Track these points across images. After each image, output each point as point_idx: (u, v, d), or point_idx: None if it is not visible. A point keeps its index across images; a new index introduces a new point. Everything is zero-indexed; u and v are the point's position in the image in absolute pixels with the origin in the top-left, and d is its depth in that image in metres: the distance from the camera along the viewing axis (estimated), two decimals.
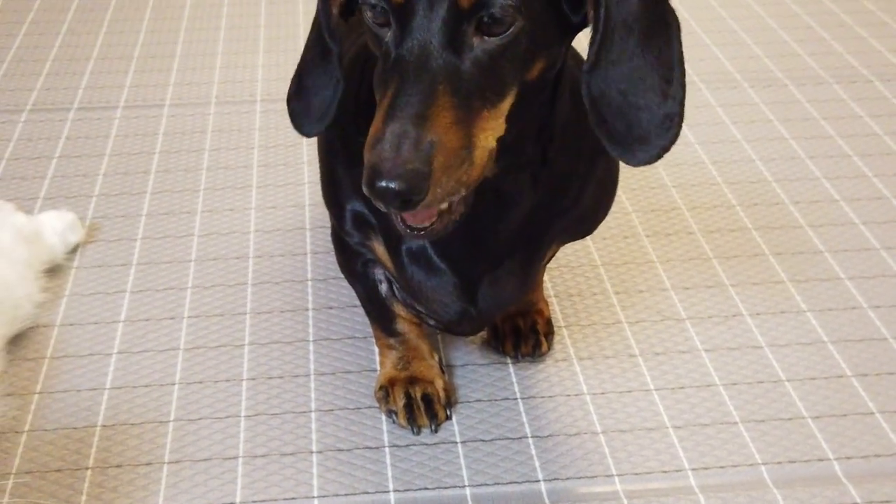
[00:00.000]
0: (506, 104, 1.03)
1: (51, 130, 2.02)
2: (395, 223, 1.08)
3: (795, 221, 1.73)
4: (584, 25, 1.06)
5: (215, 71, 2.25)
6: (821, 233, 1.70)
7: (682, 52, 1.07)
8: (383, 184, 0.96)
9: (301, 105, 1.18)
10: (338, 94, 1.15)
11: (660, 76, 1.04)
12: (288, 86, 1.21)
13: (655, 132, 1.05)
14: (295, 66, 1.21)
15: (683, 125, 1.07)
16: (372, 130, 0.99)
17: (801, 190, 1.81)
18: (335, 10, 1.12)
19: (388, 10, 1.00)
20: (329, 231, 1.39)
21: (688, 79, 1.08)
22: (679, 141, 1.08)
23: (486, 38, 0.99)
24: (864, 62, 2.26)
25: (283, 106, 2.07)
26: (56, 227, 1.64)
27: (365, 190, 0.98)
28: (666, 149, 1.05)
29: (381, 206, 0.99)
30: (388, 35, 1.01)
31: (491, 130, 1.03)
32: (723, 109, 2.06)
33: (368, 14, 1.02)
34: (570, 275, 1.61)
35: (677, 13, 1.08)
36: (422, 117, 0.97)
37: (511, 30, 0.99)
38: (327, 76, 1.15)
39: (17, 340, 1.47)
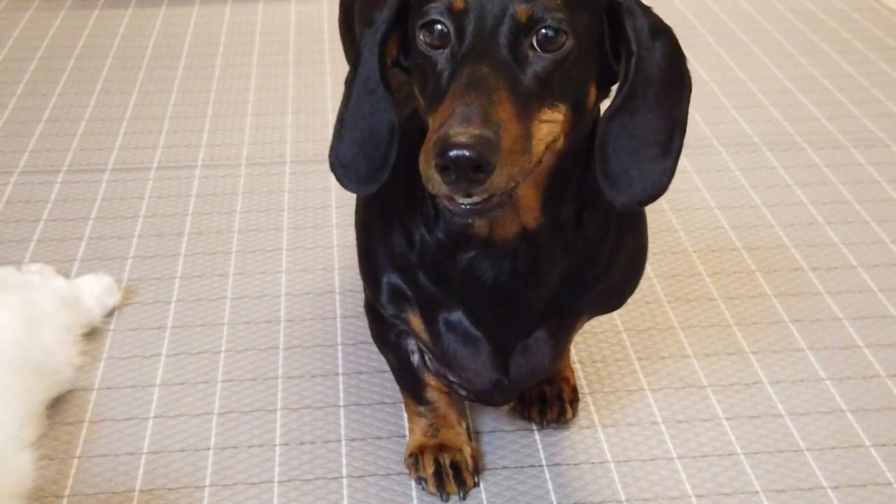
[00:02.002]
0: (558, 116, 1.08)
1: (87, 192, 2.08)
2: (444, 205, 1.08)
3: (814, 288, 1.76)
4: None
5: (245, 132, 2.30)
6: (839, 300, 1.73)
7: (687, 113, 1.15)
8: (455, 152, 0.99)
9: (351, 163, 1.19)
10: (395, 143, 1.17)
11: (664, 131, 1.12)
12: (316, 147, 1.24)
13: (647, 182, 1.12)
14: (323, 128, 1.23)
15: (704, 189, 1.13)
16: (438, 117, 1.04)
17: (820, 256, 1.85)
18: (388, 60, 1.17)
19: (446, 28, 1.06)
20: (359, 296, 1.43)
21: (708, 142, 1.15)
22: (699, 205, 1.14)
23: (539, 53, 1.06)
24: (882, 126, 2.30)
25: (312, 167, 2.13)
26: (94, 290, 1.69)
27: (435, 161, 1.00)
28: (651, 199, 1.13)
29: (445, 186, 1.01)
30: (444, 55, 1.07)
31: (547, 133, 1.07)
32: (742, 173, 2.10)
33: (425, 38, 1.08)
34: (594, 340, 1.65)
35: (697, 74, 1.13)
36: (488, 101, 1.02)
37: (562, 49, 1.06)
38: (378, 129, 1.17)
39: (56, 404, 1.51)
